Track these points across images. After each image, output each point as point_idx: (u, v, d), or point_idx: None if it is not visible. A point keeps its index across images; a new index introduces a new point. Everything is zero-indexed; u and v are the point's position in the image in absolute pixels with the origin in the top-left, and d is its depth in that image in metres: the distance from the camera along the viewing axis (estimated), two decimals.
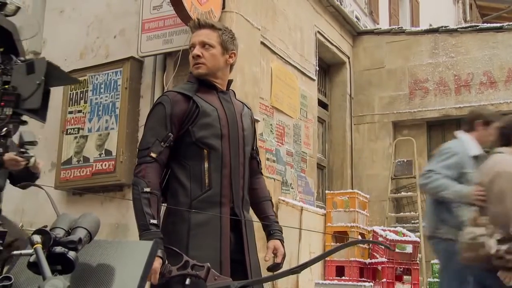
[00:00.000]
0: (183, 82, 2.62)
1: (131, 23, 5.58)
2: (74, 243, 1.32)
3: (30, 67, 1.48)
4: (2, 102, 1.44)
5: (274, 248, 2.41)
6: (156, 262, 1.96)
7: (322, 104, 8.05)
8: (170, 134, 2.24)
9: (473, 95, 7.77)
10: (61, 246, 1.31)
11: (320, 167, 7.80)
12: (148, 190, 2.15)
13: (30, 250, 1.29)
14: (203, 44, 2.34)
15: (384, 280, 6.19)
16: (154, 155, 2.21)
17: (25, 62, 1.51)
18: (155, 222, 2.12)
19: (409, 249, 6.47)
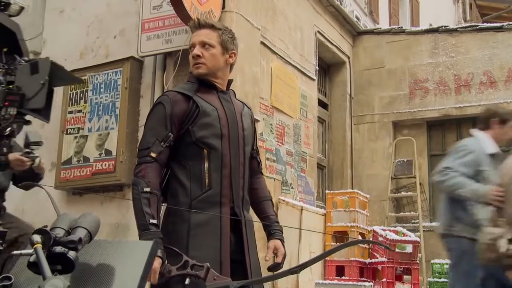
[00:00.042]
0: (183, 82, 2.62)
1: (131, 23, 5.58)
2: (74, 243, 1.32)
3: (34, 67, 1.48)
4: (7, 102, 1.44)
5: (275, 248, 2.41)
6: (155, 262, 1.96)
7: (322, 104, 8.05)
8: (170, 134, 2.24)
9: (473, 95, 7.77)
10: (61, 246, 1.31)
11: (320, 167, 7.80)
12: (148, 190, 2.15)
13: (30, 250, 1.29)
14: (203, 44, 2.34)
15: (384, 280, 6.19)
16: (154, 155, 2.21)
17: (29, 62, 1.51)
18: (155, 222, 2.12)
19: (409, 249, 6.47)
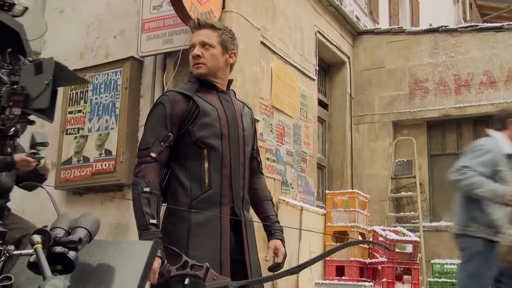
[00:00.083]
0: (183, 82, 2.62)
1: (131, 23, 5.58)
2: (74, 243, 1.32)
3: (38, 67, 1.48)
4: (11, 102, 1.44)
5: (275, 248, 2.41)
6: (155, 262, 1.96)
7: (322, 104, 8.05)
8: (170, 134, 2.24)
9: (473, 95, 7.77)
10: (61, 246, 1.31)
11: (320, 167, 7.80)
12: (147, 190, 2.15)
13: (30, 250, 1.29)
14: (203, 44, 2.34)
15: (384, 280, 6.19)
16: (154, 155, 2.21)
17: (33, 62, 1.51)
18: (155, 222, 2.12)
19: (409, 249, 6.47)
